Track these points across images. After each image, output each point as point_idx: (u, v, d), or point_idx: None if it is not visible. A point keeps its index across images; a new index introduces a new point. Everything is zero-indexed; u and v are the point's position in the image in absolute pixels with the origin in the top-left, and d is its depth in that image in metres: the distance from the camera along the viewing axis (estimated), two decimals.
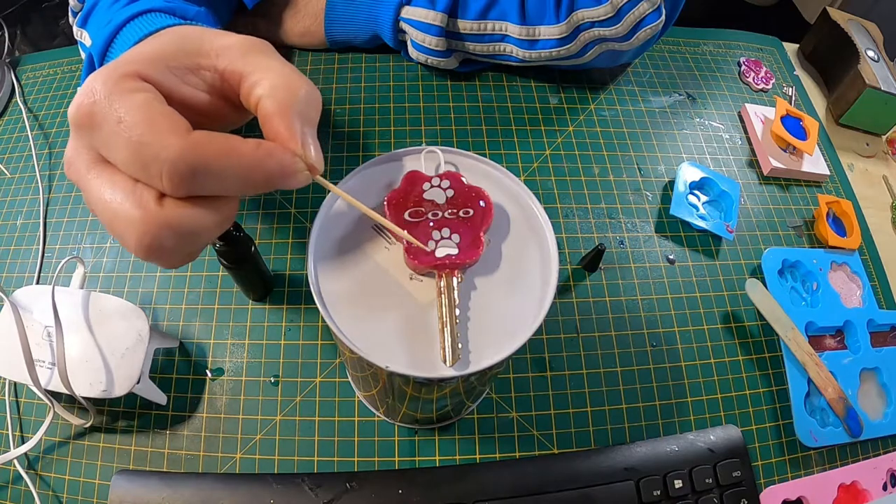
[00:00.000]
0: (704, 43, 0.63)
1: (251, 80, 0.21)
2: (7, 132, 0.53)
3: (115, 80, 0.19)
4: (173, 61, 0.21)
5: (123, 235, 0.19)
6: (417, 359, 0.24)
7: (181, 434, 0.39)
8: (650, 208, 0.51)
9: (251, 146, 0.19)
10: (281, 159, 0.20)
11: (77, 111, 0.19)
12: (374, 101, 0.53)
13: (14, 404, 0.41)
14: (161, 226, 0.19)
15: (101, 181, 0.19)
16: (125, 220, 0.19)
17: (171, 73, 0.21)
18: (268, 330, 0.43)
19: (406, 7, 0.50)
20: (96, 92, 0.19)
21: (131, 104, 0.18)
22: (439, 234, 0.26)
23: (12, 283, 0.45)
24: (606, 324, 0.45)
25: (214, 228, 0.20)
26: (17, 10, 0.82)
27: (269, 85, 0.20)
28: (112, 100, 0.18)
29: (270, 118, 0.20)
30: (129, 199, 0.19)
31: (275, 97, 0.20)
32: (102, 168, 0.19)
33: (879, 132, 0.61)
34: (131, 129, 0.18)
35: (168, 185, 0.18)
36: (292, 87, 0.21)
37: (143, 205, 0.19)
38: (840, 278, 0.50)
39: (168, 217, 0.19)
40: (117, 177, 0.19)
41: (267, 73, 0.21)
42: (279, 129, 0.20)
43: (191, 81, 0.21)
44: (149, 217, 0.19)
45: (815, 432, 0.42)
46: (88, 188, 0.20)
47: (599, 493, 0.38)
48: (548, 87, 0.56)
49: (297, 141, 0.20)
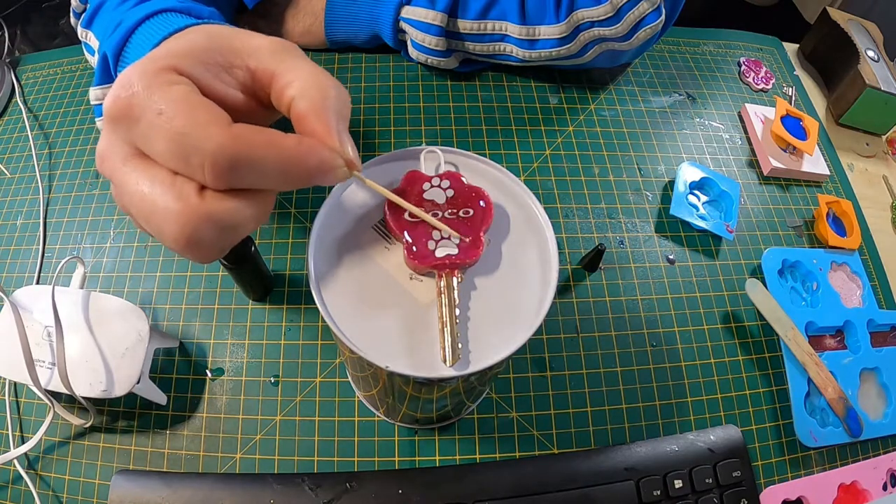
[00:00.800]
0: (704, 43, 0.63)
1: (283, 80, 0.21)
2: (7, 132, 0.53)
3: (153, 73, 0.19)
4: (207, 58, 0.21)
5: (162, 228, 0.19)
6: (417, 359, 0.24)
7: (181, 434, 0.39)
8: (650, 208, 0.51)
9: (293, 140, 0.19)
10: (321, 155, 0.20)
11: (114, 104, 0.19)
12: (374, 101, 0.53)
13: (14, 404, 0.41)
14: (202, 218, 0.19)
15: (139, 174, 0.19)
16: (164, 213, 0.19)
17: (205, 69, 0.20)
18: (268, 330, 0.43)
19: (406, 7, 0.50)
20: (134, 84, 0.19)
21: (171, 96, 0.18)
22: (439, 234, 0.26)
23: (12, 283, 0.45)
24: (606, 324, 0.45)
25: (253, 222, 0.20)
26: (17, 10, 0.82)
27: (301, 86, 0.21)
28: (151, 92, 0.18)
29: (305, 118, 0.20)
30: (168, 192, 0.19)
31: (309, 97, 0.20)
32: (139, 161, 0.19)
33: (879, 132, 0.61)
34: (172, 121, 0.18)
35: (210, 177, 0.18)
36: (324, 87, 0.21)
37: (184, 197, 0.19)
38: (840, 278, 0.50)
39: (209, 209, 0.19)
40: (156, 170, 0.19)
41: (299, 73, 0.21)
42: (315, 128, 0.20)
43: (224, 79, 0.21)
44: (189, 209, 0.19)
45: (815, 432, 0.42)
46: (124, 181, 0.19)
47: (599, 493, 0.38)
48: (548, 87, 0.56)
49: (335, 138, 0.20)
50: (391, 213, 0.27)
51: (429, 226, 0.27)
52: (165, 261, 0.45)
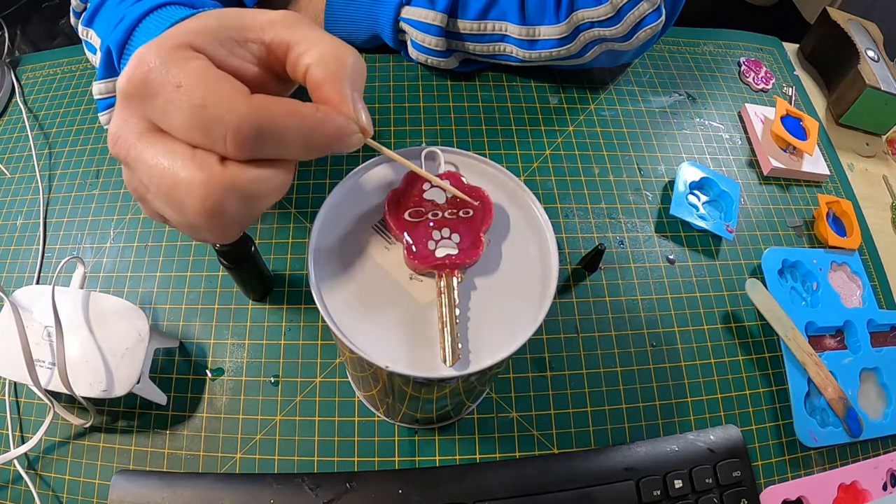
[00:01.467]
0: (704, 43, 0.63)
1: (298, 49, 0.21)
2: (7, 132, 0.53)
3: (168, 49, 0.19)
4: (221, 34, 0.21)
5: (184, 200, 0.19)
6: (417, 359, 0.24)
7: (181, 434, 0.39)
8: (650, 208, 0.51)
9: (311, 108, 0.20)
10: (337, 122, 0.20)
11: (129, 80, 0.19)
12: (374, 101, 0.53)
13: (14, 404, 0.41)
14: (226, 187, 0.19)
15: (156, 149, 0.19)
16: (187, 184, 0.19)
17: (220, 45, 0.21)
18: (268, 330, 0.43)
19: (406, 7, 0.50)
20: (150, 61, 0.19)
21: (189, 70, 0.18)
22: (439, 234, 0.26)
23: (12, 283, 0.45)
24: (606, 324, 0.45)
25: (275, 193, 0.20)
26: (17, 10, 0.81)
27: (318, 54, 0.21)
28: (168, 66, 0.18)
29: (321, 85, 0.20)
30: (190, 163, 0.19)
31: (325, 65, 0.20)
32: (156, 136, 0.19)
33: (879, 132, 0.61)
34: (192, 93, 0.18)
35: (233, 147, 0.18)
36: (340, 55, 0.21)
37: (207, 167, 0.19)
38: (840, 278, 0.50)
39: (232, 178, 0.19)
40: (174, 144, 0.19)
41: (315, 43, 0.21)
42: (331, 96, 0.20)
43: (239, 53, 0.21)
44: (213, 179, 0.19)
45: (815, 432, 0.42)
46: (142, 157, 0.19)
47: (599, 493, 0.38)
48: (548, 87, 0.56)
49: (350, 105, 0.20)
50: (391, 213, 0.27)
51: (429, 226, 0.27)
52: (165, 261, 0.45)
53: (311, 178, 0.49)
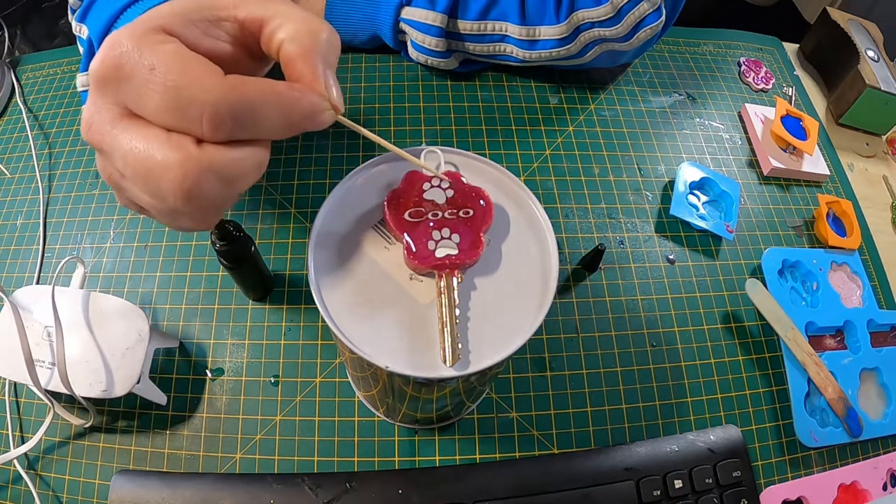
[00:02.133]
0: (704, 43, 0.63)
1: (272, 25, 0.21)
2: (7, 132, 0.53)
3: (141, 33, 0.19)
4: (193, 15, 0.21)
5: (162, 183, 0.19)
6: (417, 359, 0.24)
7: (181, 434, 0.39)
8: (650, 208, 0.51)
9: (284, 86, 0.20)
10: (310, 99, 0.20)
11: (101, 64, 0.19)
12: (374, 101, 0.53)
13: (14, 404, 0.41)
14: (203, 168, 0.19)
15: (131, 134, 0.19)
16: (163, 166, 0.18)
17: (193, 27, 0.20)
18: (268, 330, 0.43)
19: (406, 7, 0.50)
20: (123, 44, 0.18)
21: (162, 52, 0.18)
22: (439, 234, 0.26)
23: (12, 283, 0.45)
24: (606, 324, 0.45)
25: (253, 173, 0.20)
26: (17, 10, 0.81)
27: (292, 29, 0.21)
28: (141, 50, 0.18)
29: (294, 61, 0.20)
30: (165, 145, 0.18)
31: (298, 41, 0.20)
32: (130, 121, 0.19)
33: (879, 132, 0.61)
34: (165, 76, 0.18)
35: (208, 128, 0.18)
36: (314, 30, 0.21)
37: (183, 148, 0.18)
38: (840, 278, 0.50)
39: (210, 158, 0.19)
40: (149, 128, 0.19)
41: (288, 18, 0.21)
42: (303, 72, 0.20)
43: (212, 34, 0.21)
44: (190, 160, 0.18)
45: (815, 432, 0.42)
46: (116, 143, 0.19)
47: (599, 493, 0.38)
48: (548, 87, 0.56)
49: (321, 82, 0.20)
50: (391, 213, 0.27)
51: (429, 226, 0.27)
52: (165, 261, 0.45)
53: (311, 178, 0.49)
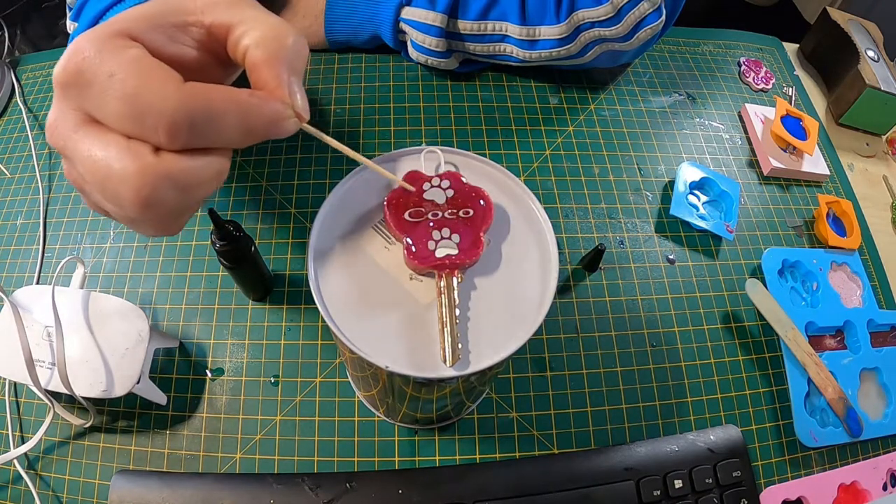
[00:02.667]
0: (704, 43, 0.63)
1: (238, 30, 0.21)
2: (7, 132, 0.53)
3: (103, 38, 0.19)
4: (160, 20, 0.20)
5: (118, 192, 0.19)
6: (417, 359, 0.24)
7: (181, 434, 0.39)
8: (650, 208, 0.51)
9: (244, 94, 0.19)
10: (273, 107, 0.20)
11: (63, 69, 0.19)
12: (374, 101, 0.53)
13: (14, 404, 0.41)
14: (159, 176, 0.18)
15: (91, 140, 0.19)
16: (120, 175, 0.18)
17: (158, 31, 0.20)
18: (268, 330, 0.43)
19: (406, 7, 0.50)
20: (84, 50, 0.18)
21: (122, 59, 0.18)
22: (439, 234, 0.26)
23: (12, 283, 0.45)
24: (606, 324, 0.45)
25: (212, 180, 0.20)
26: (17, 10, 0.81)
27: (257, 35, 0.20)
28: (102, 56, 0.18)
29: (258, 67, 0.20)
30: (123, 153, 0.18)
31: (263, 47, 0.20)
32: (91, 127, 0.19)
33: (879, 132, 0.61)
34: (125, 82, 0.18)
35: (165, 137, 0.18)
36: (280, 36, 0.21)
37: (140, 157, 0.18)
38: (840, 278, 0.50)
39: (167, 167, 0.19)
40: (109, 135, 0.19)
41: (254, 23, 0.21)
42: (267, 79, 0.20)
43: (179, 39, 0.21)
44: (146, 168, 0.18)
45: (815, 432, 0.42)
46: (76, 149, 0.19)
47: (599, 493, 0.38)
48: (548, 87, 0.56)
49: (285, 89, 0.20)
50: (391, 213, 0.27)
51: (429, 226, 0.27)
52: (165, 261, 0.45)
53: (311, 178, 0.49)
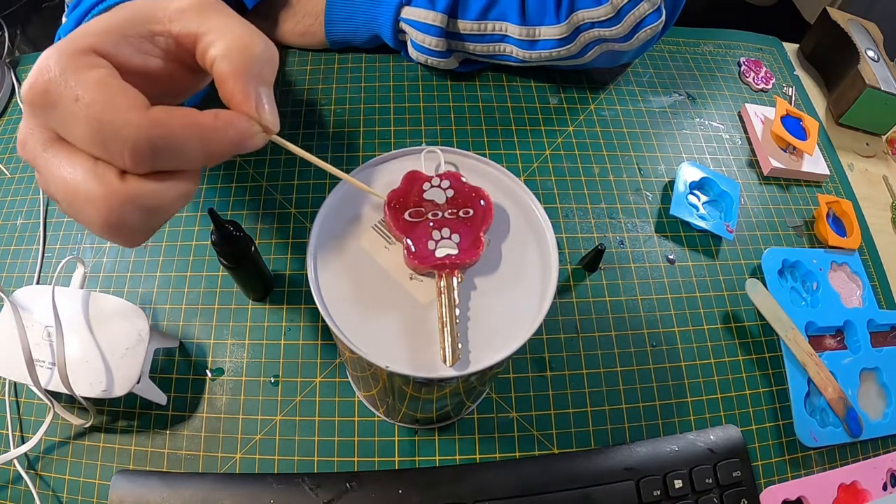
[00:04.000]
0: (704, 43, 0.63)
1: (206, 40, 0.21)
2: (7, 132, 0.53)
3: (69, 55, 0.19)
4: (128, 31, 0.20)
5: (84, 213, 0.19)
6: (417, 359, 0.24)
7: (181, 434, 0.39)
8: (650, 208, 0.51)
9: (209, 117, 0.19)
10: (238, 127, 0.20)
11: (31, 89, 0.19)
12: (374, 101, 0.53)
13: (14, 404, 0.41)
14: (124, 202, 0.19)
15: (59, 160, 0.19)
16: (86, 198, 0.19)
17: (125, 43, 0.20)
18: (268, 330, 0.43)
19: (406, 7, 0.50)
20: (50, 69, 0.18)
21: (87, 81, 0.18)
22: (439, 234, 0.26)
23: (12, 283, 0.45)
24: (606, 324, 0.45)
25: (178, 202, 0.20)
26: (17, 10, 0.81)
27: (224, 46, 0.20)
28: (67, 77, 0.18)
29: (225, 80, 0.20)
30: (89, 177, 0.18)
31: (228, 58, 0.20)
32: (59, 146, 0.19)
33: (879, 132, 0.61)
34: (89, 108, 0.18)
35: (130, 162, 0.18)
36: (246, 47, 0.20)
37: (105, 181, 0.18)
38: (840, 278, 0.50)
39: (131, 192, 0.19)
40: (76, 155, 0.19)
41: (221, 33, 0.21)
42: (233, 92, 0.20)
43: (146, 49, 0.21)
44: (112, 194, 0.18)
45: (815, 432, 0.42)
46: (45, 167, 0.19)
47: (599, 493, 0.38)
48: (548, 87, 0.56)
49: (252, 104, 0.20)
50: (391, 214, 0.27)
51: (429, 226, 0.27)
52: (165, 261, 0.45)
53: (311, 178, 0.49)
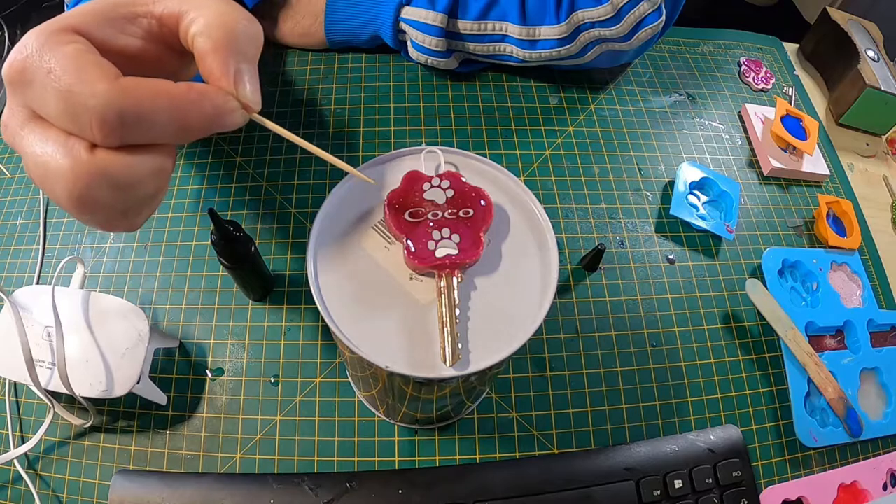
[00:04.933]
0: (704, 43, 0.63)
1: (187, 19, 0.20)
2: None
3: (48, 34, 0.19)
4: (111, 13, 0.20)
5: (55, 189, 0.19)
6: (417, 359, 0.24)
7: (181, 434, 0.39)
8: (650, 208, 0.51)
9: (182, 88, 0.19)
10: (214, 101, 0.20)
11: (9, 68, 0.19)
12: (374, 101, 0.53)
13: (14, 404, 0.41)
14: (91, 174, 0.18)
15: (34, 136, 0.19)
16: (56, 172, 0.19)
17: (108, 25, 0.20)
18: (268, 330, 0.43)
19: (406, 7, 0.50)
20: (28, 47, 0.18)
21: (61, 55, 0.18)
22: (439, 234, 0.26)
23: (12, 283, 0.45)
24: (606, 324, 0.45)
25: (151, 178, 0.20)
26: (17, 10, 0.81)
27: (204, 22, 0.20)
28: (43, 53, 0.18)
29: (205, 56, 0.20)
30: (59, 150, 0.19)
31: (209, 34, 0.20)
32: (36, 124, 0.19)
33: (879, 132, 0.61)
34: (60, 79, 0.18)
35: (98, 133, 0.18)
36: (228, 22, 0.20)
37: (74, 154, 0.18)
38: (840, 278, 0.50)
39: (99, 164, 0.19)
40: (50, 131, 0.19)
41: (202, 10, 0.20)
42: (212, 68, 0.20)
43: (130, 31, 0.21)
44: (79, 165, 0.18)
45: (815, 432, 0.42)
46: (22, 145, 0.19)
47: (599, 493, 0.38)
48: (548, 87, 0.56)
49: (230, 79, 0.20)
50: (391, 214, 0.27)
51: (429, 226, 0.27)
52: (165, 261, 0.45)
53: (311, 178, 0.49)
